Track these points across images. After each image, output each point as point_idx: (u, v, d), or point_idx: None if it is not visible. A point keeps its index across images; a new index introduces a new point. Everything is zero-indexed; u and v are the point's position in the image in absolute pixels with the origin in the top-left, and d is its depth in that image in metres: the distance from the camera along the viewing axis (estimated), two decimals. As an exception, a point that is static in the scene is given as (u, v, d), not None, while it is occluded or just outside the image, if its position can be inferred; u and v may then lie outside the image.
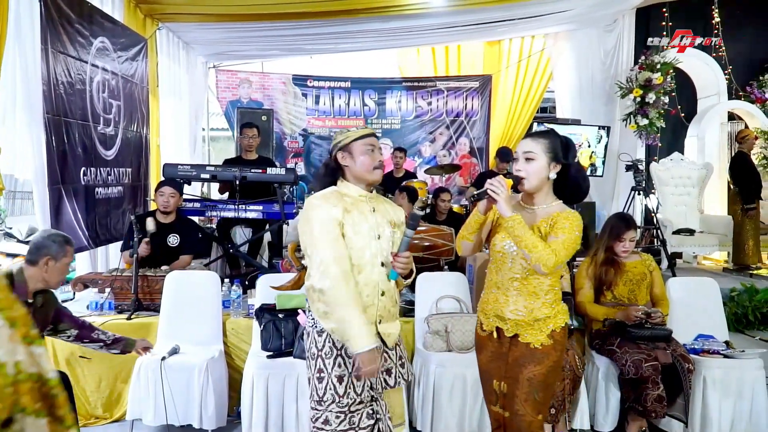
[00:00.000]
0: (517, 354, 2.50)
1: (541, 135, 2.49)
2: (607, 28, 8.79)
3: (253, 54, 8.93)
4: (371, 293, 2.42)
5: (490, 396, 2.61)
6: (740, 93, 8.85)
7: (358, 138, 2.47)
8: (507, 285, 2.51)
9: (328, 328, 2.34)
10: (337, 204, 2.38)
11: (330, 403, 2.38)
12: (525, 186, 2.46)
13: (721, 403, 3.48)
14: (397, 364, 2.54)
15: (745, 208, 7.21)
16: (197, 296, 3.83)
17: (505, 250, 2.49)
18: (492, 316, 2.56)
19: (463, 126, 9.73)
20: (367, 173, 2.46)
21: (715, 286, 4.01)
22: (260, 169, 5.08)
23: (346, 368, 2.39)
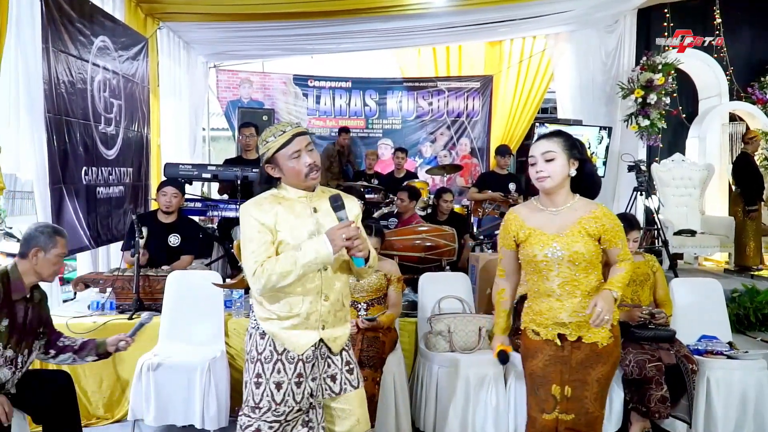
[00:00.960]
0: (581, 356, 2.46)
1: (554, 134, 2.48)
2: (608, 28, 8.79)
3: (254, 54, 8.92)
4: (314, 299, 2.33)
5: (543, 404, 2.49)
6: (741, 94, 8.84)
7: (280, 148, 2.29)
8: (559, 291, 2.47)
9: (299, 274, 2.20)
10: (270, 210, 2.28)
11: (266, 411, 2.28)
12: (548, 185, 2.44)
13: (725, 404, 3.47)
14: (344, 370, 2.44)
15: (747, 209, 7.20)
16: (199, 296, 3.81)
17: (549, 258, 2.44)
18: (550, 325, 2.49)
19: (464, 126, 9.73)
20: (300, 182, 2.32)
21: (719, 287, 4.00)
22: (261, 168, 5.07)
23: (285, 374, 2.30)
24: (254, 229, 2.25)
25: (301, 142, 2.31)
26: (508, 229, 2.57)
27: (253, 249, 2.24)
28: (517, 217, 2.56)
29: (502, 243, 2.61)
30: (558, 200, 2.49)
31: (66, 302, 4.69)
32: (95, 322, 3.89)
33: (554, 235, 2.45)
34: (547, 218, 2.49)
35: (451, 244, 5.10)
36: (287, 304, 2.31)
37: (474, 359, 3.53)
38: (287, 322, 2.32)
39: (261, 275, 2.19)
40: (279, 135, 2.31)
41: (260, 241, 2.24)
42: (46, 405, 2.98)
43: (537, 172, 2.45)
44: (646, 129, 8.24)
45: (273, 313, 2.33)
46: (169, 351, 3.59)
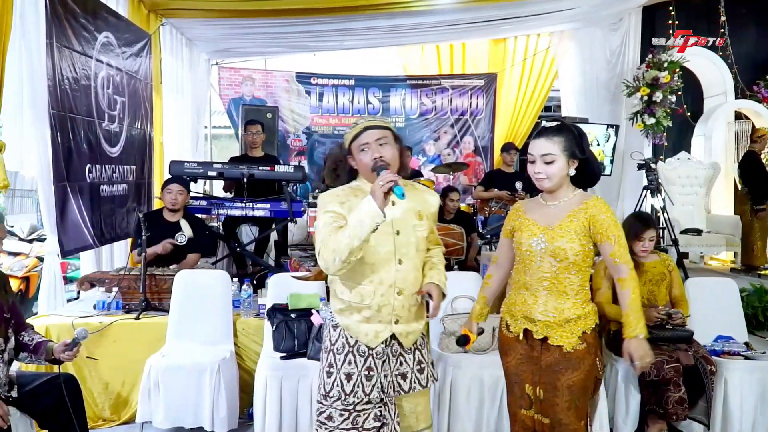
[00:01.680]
0: (550, 359, 2.42)
1: (555, 132, 2.40)
2: (613, 26, 8.72)
3: (257, 51, 8.84)
4: (386, 292, 2.33)
5: (520, 400, 2.51)
6: (747, 92, 8.79)
7: (353, 139, 2.37)
8: (536, 285, 2.43)
9: (355, 243, 2.16)
10: (344, 200, 2.32)
11: (335, 400, 2.33)
12: (546, 186, 2.44)
13: (743, 405, 3.41)
14: (414, 369, 2.44)
15: (755, 208, 7.14)
16: (207, 296, 3.76)
17: (533, 248, 2.42)
18: (520, 317, 2.48)
19: (468, 125, 9.67)
20: (368, 175, 2.34)
21: (734, 287, 3.95)
22: (268, 166, 5.01)
23: (356, 366, 2.33)
24: (328, 217, 2.29)
25: (372, 135, 2.33)
26: (509, 218, 2.60)
27: (324, 233, 2.26)
28: (519, 208, 2.59)
29: (502, 231, 2.64)
30: (558, 195, 2.48)
31: (70, 302, 4.63)
32: (101, 322, 3.83)
33: (544, 227, 2.43)
34: (544, 212, 2.48)
35: (459, 243, 5.06)
36: (359, 294, 2.34)
37: (488, 360, 3.47)
38: (359, 315, 2.35)
39: (324, 251, 2.22)
40: (353, 127, 2.40)
41: (331, 226, 2.26)
42: (51, 409, 2.90)
43: (536, 172, 2.43)
44: (651, 127, 8.19)
45: (346, 303, 2.37)
46: (178, 351, 3.53)
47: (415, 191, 2.46)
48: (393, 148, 2.36)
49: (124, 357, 3.78)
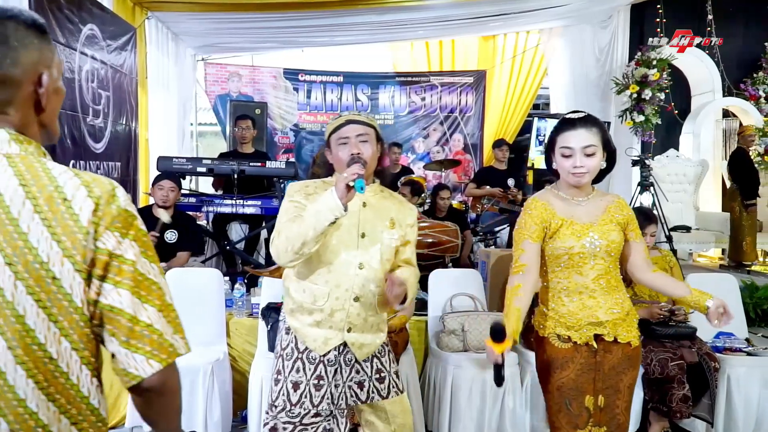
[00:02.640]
0: (614, 360, 2.28)
1: (592, 123, 2.26)
2: (602, 24, 8.70)
3: (244, 47, 8.71)
4: (342, 296, 2.18)
5: (577, 419, 2.25)
6: (734, 90, 8.82)
7: (332, 132, 2.24)
8: (593, 286, 2.27)
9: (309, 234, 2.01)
10: (312, 192, 2.18)
11: (280, 411, 2.18)
12: (585, 181, 2.27)
13: (746, 402, 3.39)
14: (373, 377, 2.29)
15: (746, 204, 7.16)
16: (199, 295, 3.64)
17: (587, 249, 2.24)
18: (585, 325, 2.26)
19: (457, 122, 9.60)
20: (342, 170, 2.16)
21: (734, 283, 3.92)
22: (259, 162, 4.90)
23: (304, 374, 2.18)
24: (290, 205, 2.17)
25: (353, 130, 2.21)
26: (540, 218, 2.28)
27: (281, 220, 2.14)
28: (546, 206, 2.30)
29: (528, 235, 2.28)
30: (584, 191, 2.33)
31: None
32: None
33: (588, 224, 2.26)
34: (575, 208, 2.30)
35: (454, 240, 4.98)
36: (312, 294, 2.19)
37: (489, 359, 3.40)
38: (310, 318, 2.20)
39: (277, 238, 2.09)
40: (335, 119, 2.28)
41: (289, 214, 2.13)
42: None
43: (575, 167, 2.23)
44: (640, 125, 8.18)
45: (297, 303, 2.22)
46: (170, 352, 3.41)
47: (392, 199, 2.35)
48: (373, 147, 2.23)
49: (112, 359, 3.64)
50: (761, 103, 8.64)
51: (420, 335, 3.78)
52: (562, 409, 2.26)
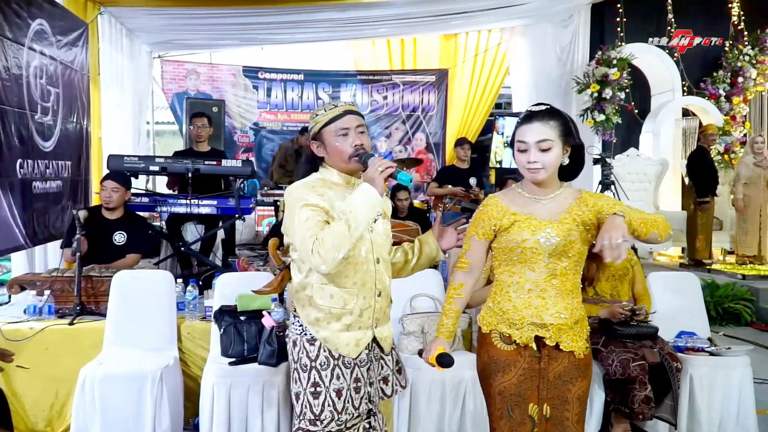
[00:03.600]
0: (559, 369, 2.15)
1: (550, 116, 2.13)
2: (563, 23, 8.74)
3: (202, 44, 8.53)
4: (368, 294, 2.16)
5: (520, 427, 2.12)
6: (694, 90, 8.93)
7: (328, 123, 2.14)
8: (545, 285, 2.15)
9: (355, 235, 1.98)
10: (322, 193, 2.10)
11: (329, 422, 2.10)
12: (541, 177, 2.13)
13: (709, 403, 3.34)
14: (394, 370, 2.31)
15: (699, 201, 7.23)
16: (149, 298, 3.48)
17: (540, 245, 2.12)
18: (527, 325, 2.14)
19: (420, 121, 9.55)
20: (343, 163, 2.15)
21: (696, 282, 3.89)
22: (214, 160, 4.75)
23: (345, 380, 2.12)
24: (309, 211, 2.05)
25: (352, 121, 2.14)
26: (488, 215, 2.19)
27: (309, 226, 2.02)
28: (499, 203, 2.20)
29: (475, 231, 2.22)
30: (549, 188, 2.19)
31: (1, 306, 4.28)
32: (32, 328, 3.51)
33: (548, 221, 2.14)
34: (535, 206, 2.18)
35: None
36: (341, 299, 2.13)
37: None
38: (339, 323, 2.14)
39: (319, 247, 1.98)
40: (330, 109, 2.17)
41: (314, 219, 2.04)
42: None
43: (529, 162, 2.12)
44: (601, 124, 8.24)
45: (324, 310, 2.13)
46: (116, 359, 3.25)
47: None
48: (368, 139, 2.21)
49: (57, 365, 3.47)
50: (721, 102, 8.76)
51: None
52: (504, 416, 2.14)
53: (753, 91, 8.93)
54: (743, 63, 8.79)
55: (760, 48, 8.83)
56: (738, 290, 6.21)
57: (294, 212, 2.07)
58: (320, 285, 2.13)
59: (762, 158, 7.28)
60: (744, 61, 8.79)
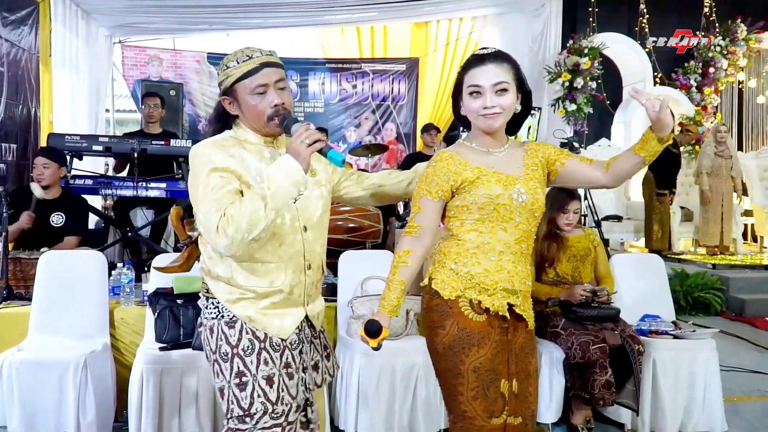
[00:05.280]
0: (521, 341, 1.98)
1: (503, 59, 1.93)
2: (535, 12, 8.62)
3: (165, 28, 8.21)
4: (297, 269, 1.89)
5: (494, 405, 1.91)
6: (666, 80, 8.85)
7: (242, 77, 1.82)
8: (516, 248, 1.95)
9: (271, 216, 1.69)
10: (234, 153, 1.81)
11: (261, 415, 1.81)
12: (498, 123, 1.93)
13: (674, 388, 3.18)
14: (323, 355, 2.05)
15: (658, 192, 7.13)
16: (78, 281, 3.22)
17: (513, 202, 1.92)
18: (500, 290, 1.94)
19: (390, 110, 9.37)
20: (261, 125, 1.86)
21: (661, 264, 3.74)
22: (162, 140, 4.51)
23: (274, 365, 1.84)
24: (216, 177, 1.74)
25: (270, 75, 1.83)
26: (445, 171, 1.94)
27: (215, 198, 1.71)
28: (455, 156, 1.96)
29: (427, 190, 1.95)
30: (500, 140, 2.00)
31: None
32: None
33: (514, 176, 1.94)
34: (494, 159, 1.97)
35: (376, 225, 4.69)
36: (267, 277, 1.86)
37: (401, 346, 3.12)
38: (266, 301, 1.87)
39: (227, 225, 1.67)
40: (243, 61, 1.83)
41: (223, 189, 1.73)
42: None
43: (486, 107, 1.89)
44: (573, 113, 8.13)
45: (248, 290, 1.85)
46: (40, 346, 3.00)
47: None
48: (290, 95, 1.91)
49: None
50: (692, 92, 8.70)
51: (329, 323, 3.47)
52: (480, 395, 1.89)
53: (724, 82, 8.89)
54: (714, 54, 8.74)
55: (731, 39, 8.78)
56: (708, 279, 6.11)
57: (199, 178, 1.76)
58: (239, 261, 1.85)
59: (724, 147, 7.21)
60: (715, 52, 8.74)
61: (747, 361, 4.51)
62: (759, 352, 4.83)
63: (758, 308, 5.93)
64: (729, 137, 7.38)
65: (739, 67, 8.95)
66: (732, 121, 9.44)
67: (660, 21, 8.94)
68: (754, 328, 5.54)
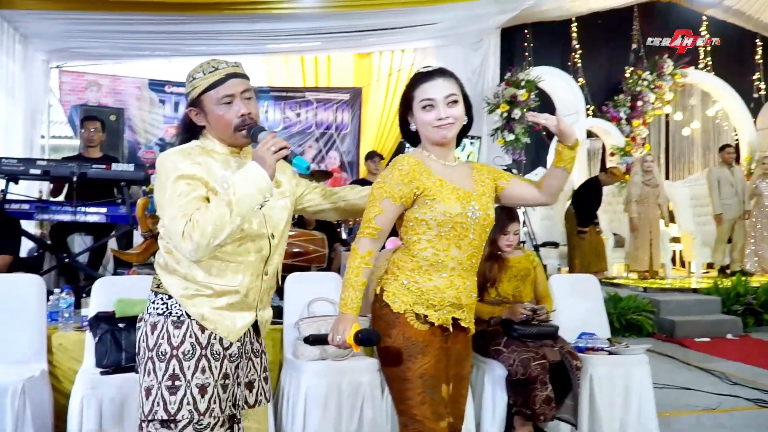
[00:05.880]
0: (459, 347, 2.10)
1: (449, 73, 2.03)
2: (474, 46, 8.93)
3: (104, 53, 8.12)
4: (256, 272, 1.90)
5: (440, 408, 2.00)
6: (598, 112, 9.27)
7: (209, 88, 1.84)
8: (467, 263, 2.03)
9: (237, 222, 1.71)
10: (201, 161, 1.83)
11: (186, 424, 1.78)
12: (452, 133, 2.01)
13: (610, 401, 3.31)
14: (261, 376, 2.02)
15: (579, 231, 7.41)
16: (14, 305, 3.11)
17: (469, 219, 2.00)
18: (447, 306, 2.02)
19: (333, 139, 9.45)
20: (227, 135, 1.87)
21: (596, 284, 3.91)
22: (104, 164, 4.44)
23: (211, 375, 1.81)
24: (183, 184, 1.76)
25: (237, 86, 1.86)
26: (410, 176, 1.98)
27: (181, 204, 1.73)
28: (420, 163, 2.01)
29: (390, 193, 1.98)
30: (451, 153, 2.08)
31: None
32: None
33: (469, 192, 2.03)
34: (451, 172, 2.04)
35: (321, 250, 4.72)
36: (228, 276, 1.86)
37: (348, 366, 3.15)
38: (222, 300, 1.86)
39: (193, 230, 1.68)
40: (209, 72, 1.85)
41: (189, 195, 1.75)
42: None
43: (440, 118, 1.97)
44: (511, 143, 8.40)
45: (206, 287, 1.84)
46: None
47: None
48: (257, 105, 1.93)
49: None
50: (622, 124, 9.13)
51: (275, 346, 3.47)
52: (427, 400, 1.97)
53: (652, 115, 9.37)
54: (642, 88, 9.21)
55: (658, 74, 9.28)
56: (640, 302, 6.37)
57: (165, 184, 1.78)
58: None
59: (651, 176, 7.58)
60: (643, 86, 9.21)
61: (678, 378, 4.72)
62: (689, 370, 5.06)
63: (687, 329, 6.21)
64: (655, 167, 7.76)
65: (665, 100, 9.45)
66: (660, 151, 9.94)
67: (591, 56, 9.37)
68: (684, 348, 5.80)
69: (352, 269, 2.00)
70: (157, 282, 1.91)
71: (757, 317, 6.61)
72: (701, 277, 8.18)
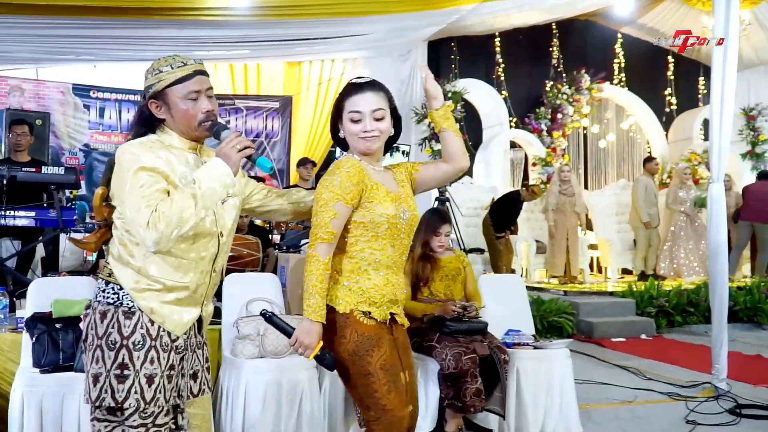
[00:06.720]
0: (402, 338, 2.24)
1: (379, 87, 2.15)
2: (402, 57, 9.13)
3: (27, 57, 7.88)
4: (205, 269, 1.97)
5: (404, 396, 2.12)
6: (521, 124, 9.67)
7: (175, 82, 1.89)
8: (400, 261, 2.19)
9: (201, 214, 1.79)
10: (161, 155, 1.87)
11: (132, 412, 1.84)
12: (376, 146, 2.13)
13: (535, 393, 3.53)
14: (204, 366, 2.09)
15: (497, 236, 7.77)
16: (-54, 308, 3.09)
17: (402, 220, 2.13)
18: (386, 302, 2.15)
19: (264, 147, 9.46)
20: (190, 129, 1.93)
21: (522, 284, 4.16)
22: (33, 168, 4.38)
23: (159, 365, 1.87)
24: (146, 176, 1.80)
25: (203, 83, 1.93)
26: (357, 179, 2.08)
27: (144, 195, 1.78)
28: (361, 169, 2.11)
29: (342, 196, 2.05)
30: (378, 159, 2.21)
31: None
32: None
33: (396, 194, 2.16)
34: (382, 176, 2.18)
35: (255, 254, 4.80)
36: (179, 272, 1.92)
37: (286, 363, 3.24)
38: (171, 295, 1.91)
39: (158, 221, 1.73)
40: (178, 67, 1.91)
41: (152, 187, 1.80)
42: None
43: (366, 131, 2.09)
44: (439, 153, 8.62)
45: (157, 282, 1.89)
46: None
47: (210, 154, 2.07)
48: (216, 104, 2.00)
49: None
50: (543, 135, 9.56)
51: (213, 346, 3.51)
52: (392, 389, 2.07)
53: (570, 127, 9.84)
54: (562, 101, 9.68)
55: (576, 88, 9.78)
56: (560, 305, 6.68)
57: (125, 176, 1.82)
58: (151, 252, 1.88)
59: (568, 186, 7.98)
60: (562, 99, 9.67)
61: (597, 375, 5.05)
62: (607, 367, 5.40)
63: (605, 330, 6.59)
64: (573, 176, 8.18)
65: (583, 113, 9.95)
66: (579, 162, 10.44)
67: (514, 70, 9.77)
68: (602, 348, 6.17)
69: (315, 276, 2.05)
70: (108, 271, 1.94)
71: (669, 318, 7.06)
72: (617, 281, 8.64)
